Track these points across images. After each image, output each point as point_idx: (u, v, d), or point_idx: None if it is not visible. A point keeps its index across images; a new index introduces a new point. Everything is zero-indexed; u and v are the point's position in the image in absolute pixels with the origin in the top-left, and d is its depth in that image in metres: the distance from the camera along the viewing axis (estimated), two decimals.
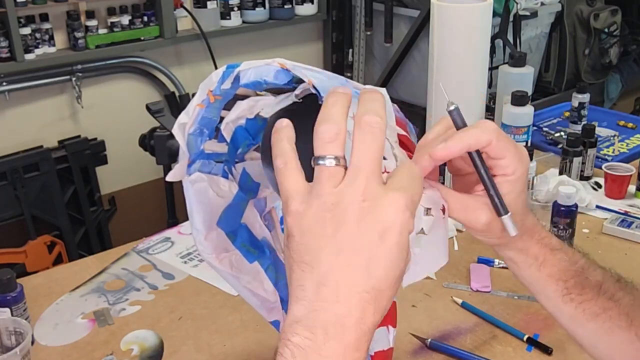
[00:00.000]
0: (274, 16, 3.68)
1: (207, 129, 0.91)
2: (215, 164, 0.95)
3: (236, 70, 0.84)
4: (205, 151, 0.93)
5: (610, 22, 4.03)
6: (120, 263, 1.56)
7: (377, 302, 0.61)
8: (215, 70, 0.86)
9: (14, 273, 1.26)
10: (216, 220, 0.96)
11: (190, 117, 0.89)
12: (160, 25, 3.32)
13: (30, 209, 3.07)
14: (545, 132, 2.25)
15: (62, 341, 1.30)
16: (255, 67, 0.83)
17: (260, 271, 0.99)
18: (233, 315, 1.35)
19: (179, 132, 0.89)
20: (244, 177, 0.98)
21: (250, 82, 0.84)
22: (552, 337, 1.27)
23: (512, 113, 1.85)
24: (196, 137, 0.91)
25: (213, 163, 0.95)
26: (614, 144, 2.17)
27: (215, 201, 0.95)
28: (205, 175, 0.94)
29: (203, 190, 0.94)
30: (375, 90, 0.73)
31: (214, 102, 0.89)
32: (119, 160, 3.41)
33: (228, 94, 0.89)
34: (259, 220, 1.00)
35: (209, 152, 0.93)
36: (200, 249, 0.95)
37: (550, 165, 1.91)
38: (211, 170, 0.95)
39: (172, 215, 3.12)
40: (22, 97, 3.12)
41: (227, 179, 0.97)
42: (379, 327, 0.90)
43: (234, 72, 0.84)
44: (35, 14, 3.06)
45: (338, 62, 4.08)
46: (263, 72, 0.83)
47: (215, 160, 0.95)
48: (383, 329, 0.94)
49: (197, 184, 0.93)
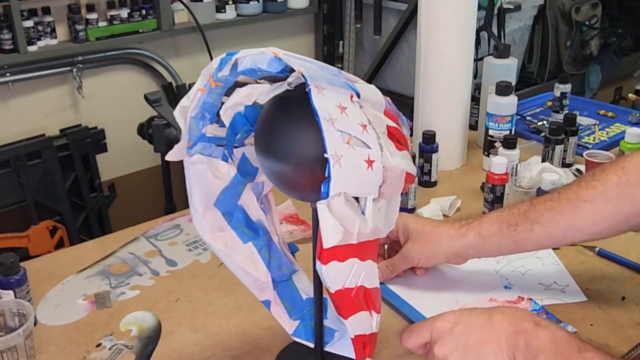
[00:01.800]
0: (267, 9, 3.72)
1: (208, 113, 0.95)
2: (216, 148, 0.99)
3: (234, 57, 0.88)
4: (206, 135, 0.97)
5: (591, 15, 4.05)
6: (128, 247, 1.56)
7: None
8: (212, 61, 0.90)
9: (17, 257, 1.25)
10: (213, 200, 0.99)
11: (192, 101, 0.94)
12: (158, 18, 3.35)
13: (32, 195, 3.08)
14: (529, 121, 2.24)
15: (62, 321, 1.30)
16: (251, 55, 0.87)
17: (253, 252, 1.03)
18: (228, 298, 1.35)
19: (179, 114, 0.94)
20: (243, 161, 1.02)
21: (246, 69, 0.88)
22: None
23: (497, 103, 1.85)
24: (198, 121, 0.95)
25: (214, 146, 0.99)
26: (595, 132, 2.16)
27: (213, 183, 0.99)
28: (205, 157, 0.98)
29: (202, 171, 0.98)
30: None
31: (215, 88, 0.93)
32: (118, 148, 3.42)
33: (229, 81, 0.93)
34: (256, 203, 1.04)
35: (210, 135, 0.98)
36: (197, 227, 0.99)
37: (533, 153, 1.92)
38: (212, 153, 0.99)
39: (170, 201, 3.11)
40: (25, 87, 3.14)
41: (227, 162, 1.00)
42: (362, 311, 0.96)
43: (232, 59, 0.88)
44: (37, 7, 3.08)
45: (329, 53, 4.10)
46: (258, 60, 0.86)
47: (216, 144, 0.99)
48: (365, 314, 0.97)
49: (197, 166, 0.97)
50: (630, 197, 1.13)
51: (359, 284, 0.93)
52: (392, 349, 1.19)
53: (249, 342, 1.23)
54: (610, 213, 1.15)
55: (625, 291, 1.35)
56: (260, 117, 0.93)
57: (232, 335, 1.25)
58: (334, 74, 0.88)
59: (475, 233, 1.25)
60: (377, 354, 1.15)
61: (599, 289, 1.36)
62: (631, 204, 1.13)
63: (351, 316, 0.94)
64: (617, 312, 1.29)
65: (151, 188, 3.45)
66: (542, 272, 1.41)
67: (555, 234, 1.19)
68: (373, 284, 0.97)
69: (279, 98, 0.91)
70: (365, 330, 0.98)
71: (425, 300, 1.31)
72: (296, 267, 1.10)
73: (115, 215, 3.43)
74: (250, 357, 1.19)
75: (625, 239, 1.53)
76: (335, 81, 0.85)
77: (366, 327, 0.98)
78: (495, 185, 1.61)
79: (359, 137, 0.85)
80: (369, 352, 0.99)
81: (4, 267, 1.24)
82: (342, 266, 0.90)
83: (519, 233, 1.21)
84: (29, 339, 1.13)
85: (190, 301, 1.36)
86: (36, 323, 1.28)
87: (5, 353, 1.09)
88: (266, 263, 1.04)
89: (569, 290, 1.35)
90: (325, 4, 3.98)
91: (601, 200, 1.15)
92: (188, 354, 1.21)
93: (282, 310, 1.08)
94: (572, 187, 1.20)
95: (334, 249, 0.87)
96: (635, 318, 1.27)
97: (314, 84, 0.81)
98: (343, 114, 0.83)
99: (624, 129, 1.99)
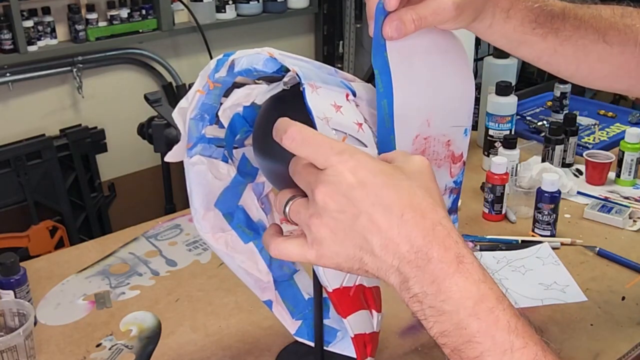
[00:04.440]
0: (267, 9, 3.73)
1: (207, 114, 0.95)
2: (216, 148, 0.98)
3: (230, 58, 0.88)
4: (206, 136, 0.96)
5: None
6: (128, 247, 1.55)
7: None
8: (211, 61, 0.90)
9: (17, 257, 1.25)
10: (214, 201, 0.99)
11: (190, 103, 0.93)
12: (158, 18, 3.36)
13: (32, 195, 3.08)
14: (529, 121, 2.23)
15: (62, 321, 1.30)
16: (247, 55, 0.86)
17: (254, 252, 1.03)
18: (228, 298, 1.35)
19: (178, 116, 0.93)
20: (243, 162, 1.01)
21: (242, 69, 0.87)
22: (535, 318, 1.26)
23: (497, 103, 1.85)
24: (197, 122, 0.95)
25: (214, 147, 0.98)
26: (595, 132, 2.16)
27: (214, 183, 0.99)
28: (206, 158, 0.97)
29: (202, 172, 0.97)
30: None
31: (213, 89, 0.92)
32: (118, 148, 3.42)
33: (227, 82, 0.92)
34: (256, 203, 1.03)
35: (210, 136, 0.97)
36: (198, 228, 0.99)
37: (533, 153, 1.92)
38: (212, 154, 0.98)
39: (170, 201, 3.09)
40: (25, 87, 3.14)
41: (227, 163, 1.00)
42: (361, 310, 0.95)
43: (228, 59, 0.88)
44: (37, 7, 3.09)
45: (329, 53, 4.10)
46: (254, 60, 0.86)
47: (216, 145, 0.98)
48: (365, 313, 0.97)
49: (197, 167, 0.97)
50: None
51: (358, 282, 0.93)
52: (392, 349, 1.19)
53: (249, 342, 1.23)
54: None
55: (625, 291, 1.35)
56: (257, 118, 0.93)
57: (232, 335, 1.25)
58: (330, 73, 0.87)
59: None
60: (378, 354, 1.15)
61: (599, 289, 1.36)
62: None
63: (350, 315, 0.93)
64: (617, 312, 1.29)
65: (151, 188, 3.45)
66: (542, 272, 1.41)
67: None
68: (372, 282, 0.97)
69: (275, 98, 0.91)
70: (366, 329, 0.97)
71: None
72: (298, 267, 1.09)
73: (115, 215, 3.43)
74: (250, 357, 1.19)
75: (625, 239, 1.53)
76: (331, 80, 0.85)
77: (367, 326, 0.97)
78: (495, 185, 1.61)
79: (354, 135, 0.84)
80: (370, 350, 0.99)
81: (4, 267, 1.24)
82: None
83: (531, 33, 0.99)
84: (29, 339, 1.13)
85: (190, 301, 1.36)
86: (36, 323, 1.28)
87: (5, 353, 1.09)
88: (267, 263, 1.04)
89: (569, 290, 1.35)
90: (325, 4, 3.99)
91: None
92: (188, 354, 1.21)
93: (284, 310, 1.08)
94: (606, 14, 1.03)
95: None
96: (635, 318, 1.27)
97: (308, 83, 0.80)
98: (338, 112, 0.83)
99: (624, 129, 1.98)
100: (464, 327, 0.66)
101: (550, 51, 1.00)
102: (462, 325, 0.66)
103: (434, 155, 0.95)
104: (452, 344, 0.67)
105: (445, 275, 0.67)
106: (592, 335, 1.22)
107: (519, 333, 0.66)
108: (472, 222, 1.64)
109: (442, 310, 0.67)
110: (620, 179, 1.82)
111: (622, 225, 1.60)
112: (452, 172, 0.99)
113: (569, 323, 1.24)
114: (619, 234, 1.58)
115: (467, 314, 0.66)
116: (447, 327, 0.67)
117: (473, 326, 0.66)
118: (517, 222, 1.64)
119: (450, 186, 1.01)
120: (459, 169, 1.00)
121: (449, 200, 1.02)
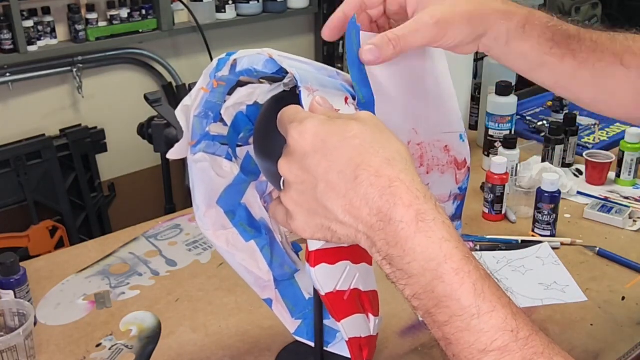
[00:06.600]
0: (267, 9, 3.72)
1: (212, 112, 0.95)
2: (220, 146, 0.99)
3: (232, 58, 0.88)
4: (210, 133, 0.97)
5: (591, 14, 4.04)
6: (128, 247, 1.55)
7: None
8: (212, 61, 0.91)
9: (17, 257, 1.25)
10: (216, 198, 0.99)
11: (195, 101, 0.93)
12: (158, 18, 3.36)
13: (32, 195, 3.08)
14: (529, 121, 2.24)
15: (62, 321, 1.30)
16: (248, 55, 0.87)
17: (255, 250, 1.03)
18: (228, 298, 1.35)
19: (181, 113, 0.94)
20: (247, 160, 1.01)
21: (243, 69, 0.88)
22: (535, 318, 1.26)
23: (497, 102, 1.85)
24: (201, 120, 0.95)
25: (218, 145, 0.99)
26: (595, 132, 2.16)
27: (216, 181, 0.99)
28: (209, 155, 0.98)
29: (205, 169, 0.98)
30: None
31: (217, 87, 0.93)
32: (118, 148, 3.42)
33: (231, 80, 0.92)
34: (259, 201, 1.03)
35: (214, 134, 0.97)
36: (199, 224, 0.99)
37: (533, 153, 1.93)
38: (215, 151, 0.99)
39: (170, 201, 3.00)
40: (25, 87, 3.14)
41: (231, 160, 1.00)
42: (357, 314, 0.94)
43: (230, 59, 0.88)
44: (37, 7, 3.08)
45: (329, 53, 4.09)
46: (254, 60, 0.86)
47: (220, 142, 0.99)
48: (362, 317, 0.96)
49: (200, 164, 0.97)
50: None
51: (353, 286, 0.93)
52: (392, 349, 1.19)
53: (249, 342, 1.23)
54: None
55: (625, 291, 1.35)
56: (257, 118, 0.93)
57: (232, 335, 1.25)
58: (331, 76, 0.87)
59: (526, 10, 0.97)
60: (378, 353, 1.15)
61: (599, 289, 1.36)
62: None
63: (345, 318, 0.93)
64: (617, 312, 1.29)
65: (151, 188, 3.44)
66: (542, 272, 1.41)
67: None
68: (369, 287, 0.96)
69: (275, 99, 0.91)
70: (362, 333, 0.97)
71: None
72: (299, 266, 1.09)
73: (115, 215, 3.44)
74: (250, 357, 1.19)
75: (625, 238, 1.53)
76: (330, 83, 0.85)
77: (362, 329, 0.97)
78: (495, 185, 1.61)
79: None
80: (366, 355, 0.98)
81: (4, 267, 1.24)
82: (333, 269, 0.89)
83: (549, 53, 0.94)
84: (29, 339, 1.13)
85: (190, 301, 1.36)
86: (36, 323, 1.28)
87: (5, 353, 1.09)
88: (268, 261, 1.04)
89: (569, 290, 1.35)
90: (325, 4, 3.98)
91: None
92: (188, 354, 1.21)
93: (284, 308, 1.08)
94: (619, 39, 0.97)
95: (324, 251, 0.86)
96: (635, 318, 1.27)
97: (305, 86, 0.80)
98: None
99: (624, 129, 1.98)
100: (431, 290, 0.65)
101: (569, 75, 0.95)
102: (429, 288, 0.65)
103: (434, 161, 0.95)
104: (424, 307, 0.67)
105: (407, 236, 0.66)
106: (592, 335, 1.22)
107: (486, 297, 0.64)
108: (472, 222, 1.64)
109: (409, 273, 0.66)
110: (620, 179, 1.82)
111: (622, 225, 1.60)
112: (458, 179, 0.99)
113: (569, 323, 1.24)
114: (619, 234, 1.58)
115: (432, 277, 0.65)
116: (417, 290, 0.66)
117: (439, 289, 0.65)
118: (517, 222, 1.64)
119: (455, 192, 1.01)
120: (464, 175, 1.00)
121: (453, 207, 1.02)
